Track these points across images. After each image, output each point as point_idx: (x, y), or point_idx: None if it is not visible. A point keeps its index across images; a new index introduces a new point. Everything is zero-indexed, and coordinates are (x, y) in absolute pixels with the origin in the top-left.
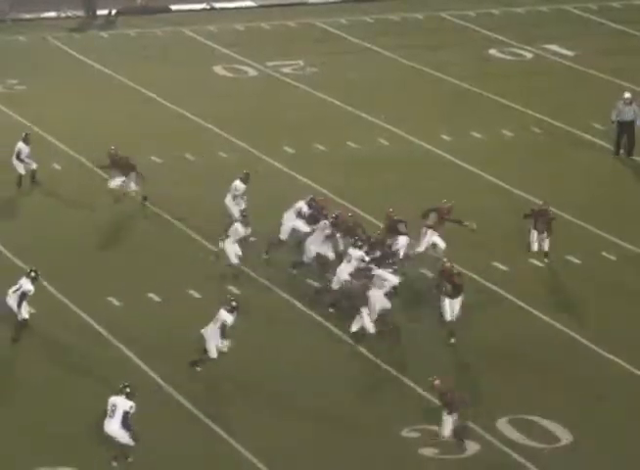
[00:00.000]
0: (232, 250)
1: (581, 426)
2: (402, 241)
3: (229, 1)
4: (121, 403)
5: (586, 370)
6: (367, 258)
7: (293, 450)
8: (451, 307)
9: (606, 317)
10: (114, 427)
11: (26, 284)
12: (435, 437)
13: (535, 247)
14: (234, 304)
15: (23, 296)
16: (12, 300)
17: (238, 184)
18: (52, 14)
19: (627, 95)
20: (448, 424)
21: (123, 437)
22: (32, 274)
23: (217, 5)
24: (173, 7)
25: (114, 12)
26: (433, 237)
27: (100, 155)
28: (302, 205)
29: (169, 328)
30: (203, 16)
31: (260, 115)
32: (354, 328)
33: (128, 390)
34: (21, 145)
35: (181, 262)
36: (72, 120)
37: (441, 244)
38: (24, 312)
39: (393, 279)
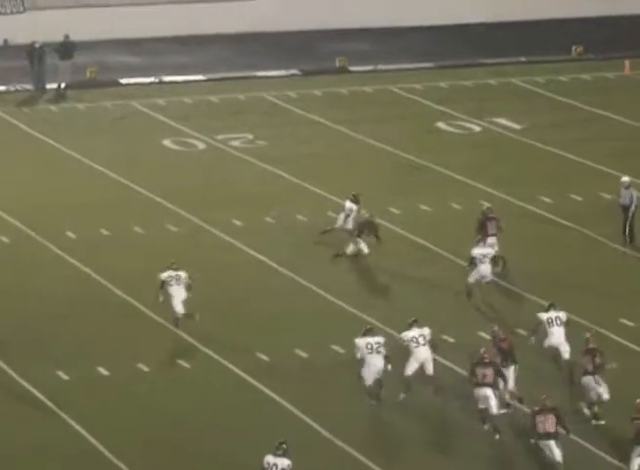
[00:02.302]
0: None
1: None
2: None
3: (178, 75)
4: (280, 462)
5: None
6: None
7: None
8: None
9: None
10: None
11: None
12: None
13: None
14: (284, 446)
15: None
16: None
17: (349, 204)
18: (1, 88)
19: (625, 179)
20: None
21: None
22: None
23: (166, 78)
24: (123, 80)
25: (63, 85)
26: None
27: (48, 227)
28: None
29: (118, 404)
30: (152, 89)
31: (210, 188)
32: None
33: (285, 447)
34: None
35: (130, 337)
36: (21, 194)
37: None
38: None
39: None
